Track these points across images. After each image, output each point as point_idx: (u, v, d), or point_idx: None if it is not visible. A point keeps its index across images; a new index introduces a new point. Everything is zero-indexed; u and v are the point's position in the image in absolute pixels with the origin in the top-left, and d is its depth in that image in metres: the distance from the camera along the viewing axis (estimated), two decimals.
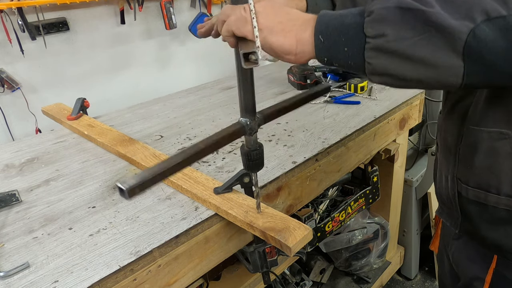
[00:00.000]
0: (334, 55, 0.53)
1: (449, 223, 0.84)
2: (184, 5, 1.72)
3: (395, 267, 1.91)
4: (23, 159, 1.07)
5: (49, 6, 1.32)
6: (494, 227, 0.73)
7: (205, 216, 0.80)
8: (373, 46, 0.49)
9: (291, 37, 0.54)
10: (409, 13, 0.47)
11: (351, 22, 0.51)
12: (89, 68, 1.53)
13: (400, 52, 0.48)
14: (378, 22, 0.48)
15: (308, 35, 0.54)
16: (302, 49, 0.54)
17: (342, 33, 0.51)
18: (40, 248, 0.73)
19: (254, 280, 1.22)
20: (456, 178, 0.77)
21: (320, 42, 0.53)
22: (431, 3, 0.46)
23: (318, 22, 0.53)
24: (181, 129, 1.22)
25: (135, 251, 0.70)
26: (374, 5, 0.49)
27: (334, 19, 0.53)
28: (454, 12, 0.46)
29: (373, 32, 0.49)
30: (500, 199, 0.69)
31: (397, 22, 0.47)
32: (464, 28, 0.45)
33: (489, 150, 0.68)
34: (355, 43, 0.51)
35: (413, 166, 1.89)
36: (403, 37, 0.47)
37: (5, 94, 1.34)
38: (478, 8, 0.45)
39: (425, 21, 0.46)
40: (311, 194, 1.06)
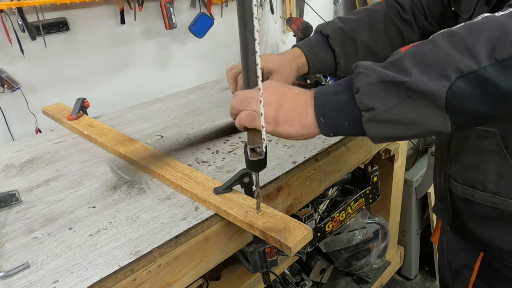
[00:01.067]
0: (337, 130, 0.60)
1: (442, 220, 0.88)
2: (184, 5, 1.72)
3: (395, 267, 1.91)
4: (23, 159, 1.07)
5: (49, 6, 1.32)
6: (481, 224, 0.77)
7: (205, 216, 0.80)
8: (367, 119, 0.55)
9: (296, 125, 0.61)
10: (390, 85, 0.52)
11: (344, 99, 0.58)
12: (89, 68, 1.53)
13: (391, 120, 0.53)
14: (366, 97, 0.54)
15: (311, 119, 0.60)
16: (308, 132, 0.61)
17: (339, 111, 0.58)
18: (40, 248, 0.73)
19: (254, 280, 1.22)
20: (447, 175, 0.81)
21: (323, 123, 0.60)
22: (408, 70, 0.51)
23: (316, 105, 0.60)
24: (181, 129, 1.22)
25: (135, 251, 0.70)
26: (359, 81, 0.55)
27: (329, 100, 0.59)
28: (430, 73, 0.50)
29: (364, 106, 0.54)
30: (486, 196, 0.73)
31: (382, 95, 0.53)
32: (442, 88, 0.49)
33: (476, 148, 0.72)
34: (353, 117, 0.57)
35: (413, 166, 1.89)
36: (391, 106, 0.52)
37: (5, 94, 1.34)
38: (451, 67, 0.49)
39: (406, 89, 0.51)
40: (311, 194, 1.06)
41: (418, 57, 0.52)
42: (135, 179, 0.94)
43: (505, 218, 0.73)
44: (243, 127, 0.64)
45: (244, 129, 0.64)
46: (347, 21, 0.89)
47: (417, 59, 0.52)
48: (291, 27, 1.62)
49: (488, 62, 0.47)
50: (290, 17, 1.86)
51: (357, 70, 0.56)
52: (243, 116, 0.63)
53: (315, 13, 2.13)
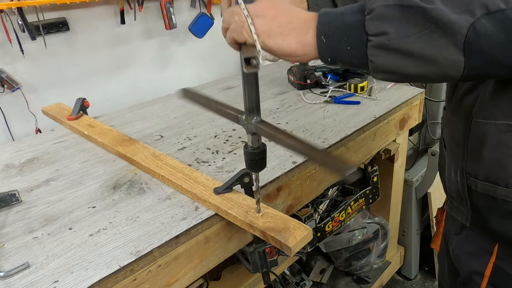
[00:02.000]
0: (337, 55, 0.54)
1: (459, 218, 0.84)
2: (184, 5, 1.72)
3: (395, 267, 1.91)
4: (23, 159, 1.07)
5: (49, 6, 1.32)
6: (504, 220, 0.73)
7: (205, 216, 0.80)
8: (375, 44, 0.50)
9: (290, 40, 0.55)
10: (409, 10, 0.48)
11: (352, 20, 0.52)
12: (89, 68, 1.53)
13: (402, 50, 0.48)
14: (379, 20, 0.49)
15: (310, 37, 0.54)
16: (303, 51, 0.55)
17: (344, 32, 0.52)
18: (40, 248, 0.73)
19: (254, 280, 1.22)
20: (465, 172, 0.77)
21: (323, 43, 0.54)
22: None
23: (320, 23, 0.54)
24: (181, 129, 1.22)
25: (135, 251, 0.70)
26: (374, 2, 0.50)
27: (335, 19, 0.53)
28: (454, 6, 0.46)
29: (375, 30, 0.49)
30: (509, 192, 0.69)
31: (398, 20, 0.48)
32: (464, 23, 0.45)
33: (497, 143, 0.68)
34: (357, 42, 0.51)
35: (413, 166, 1.89)
36: (405, 35, 0.48)
37: (5, 94, 1.34)
38: (477, 2, 0.46)
39: (426, 17, 0.47)
40: (311, 194, 1.06)
41: None
42: (135, 180, 0.94)
43: None
44: (232, 40, 0.59)
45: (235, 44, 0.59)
46: None
47: None
48: None
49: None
50: None
51: None
52: (232, 28, 0.58)
53: None
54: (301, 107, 1.33)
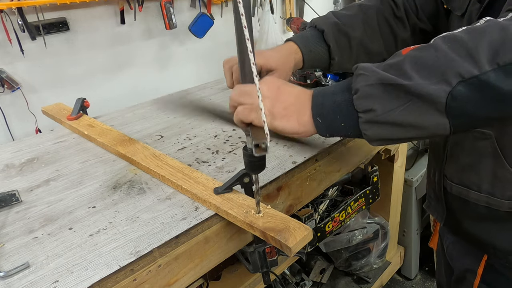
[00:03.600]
0: (333, 131, 0.60)
1: (435, 216, 0.88)
2: (184, 5, 1.72)
3: (395, 267, 1.91)
4: (23, 159, 1.07)
5: (49, 6, 1.32)
6: (476, 223, 0.77)
7: (205, 216, 0.80)
8: (365, 120, 0.55)
9: (293, 122, 0.61)
10: (390, 87, 0.52)
11: (342, 100, 0.57)
12: (89, 68, 1.53)
13: (390, 122, 0.53)
14: (365, 98, 0.54)
15: (308, 118, 0.61)
16: (304, 130, 0.62)
17: (336, 112, 0.58)
18: (40, 248, 0.73)
19: (254, 280, 1.22)
20: (443, 174, 0.81)
21: (319, 123, 0.60)
22: (409, 74, 0.51)
23: (314, 105, 0.60)
24: (181, 129, 1.22)
25: (135, 251, 0.70)
26: (358, 82, 0.55)
27: (327, 99, 0.59)
28: (431, 77, 0.50)
29: (362, 108, 0.54)
30: (481, 196, 0.74)
31: (381, 97, 0.53)
32: (442, 93, 0.49)
33: (472, 149, 0.73)
34: (349, 118, 0.57)
35: (413, 166, 1.89)
36: (390, 109, 0.52)
37: (5, 94, 1.34)
38: (452, 71, 0.49)
39: (406, 92, 0.51)
40: (311, 194, 1.06)
41: (419, 60, 0.52)
42: (135, 180, 0.94)
43: (500, 218, 0.73)
44: (239, 121, 0.63)
45: (242, 124, 0.64)
46: (341, 16, 0.89)
47: (417, 62, 0.52)
48: (291, 27, 1.62)
49: (490, 67, 0.47)
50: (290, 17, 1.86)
51: (357, 71, 0.56)
52: (240, 110, 0.62)
53: (315, 13, 2.13)
54: None
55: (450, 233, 0.89)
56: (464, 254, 0.85)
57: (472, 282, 0.83)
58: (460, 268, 0.87)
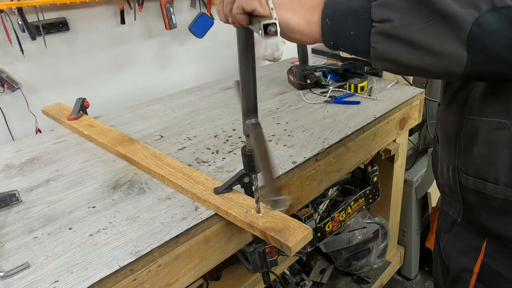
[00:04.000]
0: (340, 39, 0.54)
1: (451, 213, 0.85)
2: (184, 5, 1.72)
3: (395, 267, 1.91)
4: (23, 159, 1.07)
5: (49, 6, 1.32)
6: (493, 216, 0.74)
7: (205, 216, 0.80)
8: (378, 31, 0.50)
9: (299, 17, 0.55)
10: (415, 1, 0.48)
11: (358, 6, 0.52)
12: (89, 68, 1.53)
13: (405, 38, 0.48)
14: (385, 7, 0.49)
15: (316, 18, 0.55)
16: (309, 31, 0.55)
17: (349, 16, 0.52)
18: (40, 248, 0.73)
19: (254, 280, 1.22)
20: (457, 168, 0.77)
21: (327, 25, 0.54)
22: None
23: (326, 6, 0.54)
24: (181, 129, 1.22)
25: (135, 251, 0.70)
26: None
27: (341, 3, 0.53)
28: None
29: (380, 16, 0.49)
30: (498, 188, 0.70)
31: (403, 8, 0.48)
32: (469, 17, 0.45)
33: (488, 140, 0.69)
34: (361, 27, 0.51)
35: (413, 166, 1.89)
36: (409, 23, 0.48)
37: (5, 94, 1.34)
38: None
39: (431, 8, 0.47)
40: (311, 194, 1.06)
41: None
42: (135, 180, 0.94)
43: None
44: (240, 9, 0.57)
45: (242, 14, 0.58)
46: None
47: None
48: None
49: None
50: None
51: None
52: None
53: None
54: (301, 107, 1.33)
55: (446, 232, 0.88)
56: (460, 253, 0.85)
57: (468, 281, 0.82)
58: (456, 267, 0.86)
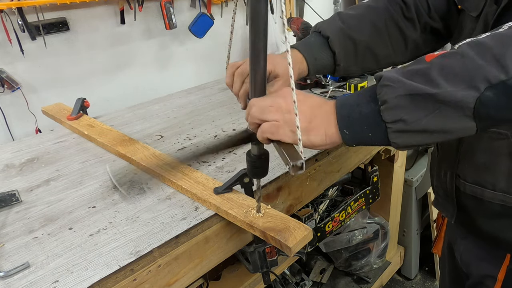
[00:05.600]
0: (361, 142, 0.60)
1: (444, 214, 0.88)
2: (184, 5, 1.72)
3: (395, 267, 1.91)
4: (23, 159, 1.07)
5: (49, 6, 1.32)
6: (490, 220, 0.78)
7: (205, 216, 0.80)
8: (394, 130, 0.55)
9: (321, 135, 0.61)
10: (419, 98, 0.53)
11: (368, 111, 0.57)
12: (89, 68, 1.52)
13: (419, 130, 0.54)
14: (393, 109, 0.54)
15: (334, 130, 0.60)
16: (331, 141, 0.61)
17: (364, 123, 0.58)
18: (40, 248, 0.73)
19: (254, 280, 1.22)
20: (455, 174, 0.81)
21: (346, 135, 0.60)
22: (436, 81, 0.52)
23: (339, 117, 0.60)
24: (181, 129, 1.22)
25: (135, 251, 0.70)
26: (385, 93, 0.55)
27: (353, 112, 0.59)
28: (459, 84, 0.51)
29: (391, 118, 0.55)
30: (496, 194, 0.74)
31: (410, 107, 0.53)
32: (471, 99, 0.50)
33: (488, 149, 0.73)
34: (377, 129, 0.57)
35: (413, 166, 1.89)
36: (419, 118, 0.53)
37: (5, 94, 1.34)
38: (480, 77, 0.50)
39: (435, 100, 0.52)
40: (311, 194, 1.06)
41: (446, 67, 0.52)
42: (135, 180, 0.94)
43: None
44: (266, 139, 0.63)
45: (267, 141, 0.63)
46: (347, 19, 0.86)
47: (445, 69, 0.52)
48: (291, 27, 1.62)
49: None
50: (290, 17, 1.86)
51: (382, 82, 0.56)
52: (266, 127, 0.62)
53: (315, 13, 2.13)
54: None
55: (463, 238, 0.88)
56: (481, 260, 0.83)
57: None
58: (477, 275, 0.85)
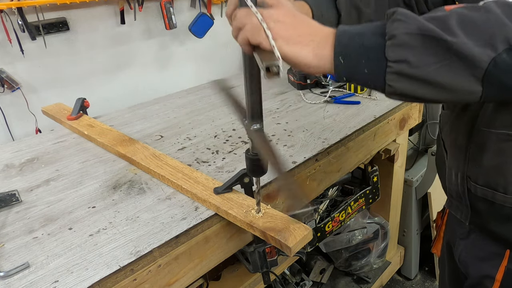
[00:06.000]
0: (353, 76, 0.54)
1: (458, 216, 0.85)
2: (184, 5, 1.72)
3: (395, 267, 1.91)
4: (23, 159, 1.07)
5: (49, 6, 1.32)
6: (502, 223, 0.75)
7: (205, 216, 0.80)
8: (394, 71, 0.50)
9: (308, 51, 0.55)
10: (431, 41, 0.48)
11: (371, 43, 0.51)
12: (89, 68, 1.53)
13: (421, 78, 0.49)
14: (400, 47, 0.49)
15: (327, 53, 0.54)
16: (319, 64, 0.55)
17: (363, 55, 0.52)
18: (40, 248, 0.73)
19: (254, 280, 1.22)
20: (466, 175, 0.78)
21: (340, 63, 0.53)
22: (454, 30, 0.47)
23: (338, 43, 0.54)
24: (181, 129, 1.22)
25: (135, 251, 0.70)
26: (396, 28, 0.49)
27: (354, 40, 0.53)
28: (477, 39, 0.46)
29: (395, 57, 0.49)
30: (507, 198, 0.71)
31: (419, 49, 0.48)
32: (485, 57, 0.46)
33: (497, 151, 0.70)
34: (376, 66, 0.51)
35: (413, 166, 1.89)
36: (425, 64, 0.48)
37: (5, 94, 1.34)
38: (500, 36, 0.46)
39: (447, 49, 0.47)
40: (311, 194, 1.06)
41: (467, 18, 0.48)
42: (135, 180, 0.94)
43: None
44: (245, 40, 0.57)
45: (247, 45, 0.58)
46: None
47: (465, 20, 0.48)
48: None
49: None
50: None
51: (395, 16, 0.50)
52: (248, 28, 0.56)
53: None
54: (301, 107, 1.33)
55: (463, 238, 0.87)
56: (480, 260, 0.82)
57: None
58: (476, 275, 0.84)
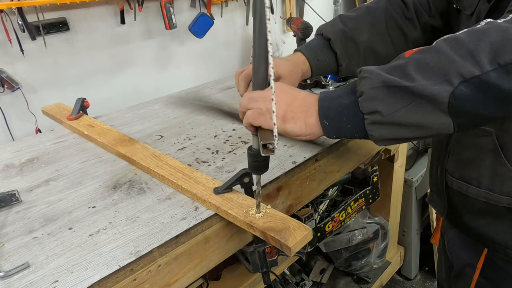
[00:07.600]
0: (340, 132, 0.62)
1: (436, 210, 0.90)
2: (184, 5, 1.72)
3: (395, 267, 1.91)
4: (23, 159, 1.07)
5: (49, 6, 1.32)
6: (475, 217, 0.80)
7: (205, 216, 0.80)
8: (371, 122, 0.57)
9: (300, 124, 0.63)
10: (394, 89, 0.54)
11: (347, 102, 0.60)
12: (89, 68, 1.53)
13: (395, 122, 0.55)
14: (370, 101, 0.56)
15: (315, 120, 0.63)
16: (311, 131, 0.64)
17: (342, 114, 0.60)
18: (40, 248, 0.73)
19: (254, 280, 1.22)
20: (444, 169, 0.83)
21: (326, 125, 0.62)
22: (412, 75, 0.53)
23: (321, 108, 0.63)
24: (181, 129, 1.22)
25: (135, 251, 0.70)
26: (363, 85, 0.56)
27: (333, 102, 0.62)
28: (434, 78, 0.52)
29: (368, 109, 0.56)
30: (480, 191, 0.76)
31: (386, 99, 0.55)
32: (445, 93, 0.51)
33: (473, 145, 0.75)
34: (355, 120, 0.59)
35: (413, 166, 1.89)
36: (394, 110, 0.54)
37: (5, 94, 1.34)
38: (454, 72, 0.51)
39: (410, 93, 0.53)
40: (311, 194, 1.06)
41: (422, 62, 0.53)
42: (135, 180, 0.94)
43: (498, 213, 0.75)
44: (248, 124, 0.65)
45: (251, 127, 0.65)
46: (348, 20, 0.90)
47: (420, 64, 0.53)
48: (291, 27, 1.62)
49: (490, 67, 0.48)
50: (290, 17, 1.86)
51: (361, 74, 0.57)
52: (249, 114, 0.64)
53: (315, 13, 2.13)
54: None
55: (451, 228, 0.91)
56: (464, 248, 0.87)
57: (471, 277, 0.84)
58: (459, 263, 0.88)
